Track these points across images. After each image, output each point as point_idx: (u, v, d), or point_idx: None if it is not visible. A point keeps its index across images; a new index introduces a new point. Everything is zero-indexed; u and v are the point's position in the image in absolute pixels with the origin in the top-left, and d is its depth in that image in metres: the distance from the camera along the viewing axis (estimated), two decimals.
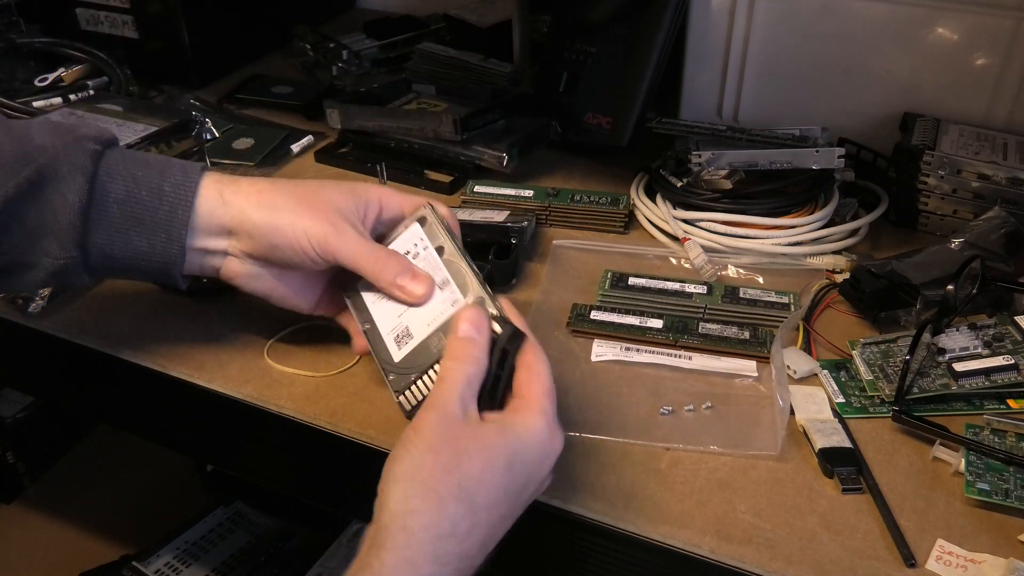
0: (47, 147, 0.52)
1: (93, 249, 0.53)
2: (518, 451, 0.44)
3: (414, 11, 1.16)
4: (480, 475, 0.43)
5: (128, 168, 0.53)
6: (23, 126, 0.54)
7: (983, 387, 0.57)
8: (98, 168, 0.52)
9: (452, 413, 0.44)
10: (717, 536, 0.49)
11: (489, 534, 0.43)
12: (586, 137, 0.85)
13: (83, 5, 1.01)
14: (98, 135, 0.54)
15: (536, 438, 0.45)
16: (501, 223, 0.72)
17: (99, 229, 0.53)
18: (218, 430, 0.66)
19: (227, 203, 0.54)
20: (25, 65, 0.97)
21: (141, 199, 0.53)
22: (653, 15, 0.81)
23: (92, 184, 0.52)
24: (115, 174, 0.53)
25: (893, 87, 0.80)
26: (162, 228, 0.53)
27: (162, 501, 1.33)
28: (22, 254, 0.53)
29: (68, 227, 0.52)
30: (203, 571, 1.14)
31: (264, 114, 0.97)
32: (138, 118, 0.76)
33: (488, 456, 0.43)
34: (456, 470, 0.42)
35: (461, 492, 0.42)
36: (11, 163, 0.51)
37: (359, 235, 0.55)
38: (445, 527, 0.41)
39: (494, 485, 0.43)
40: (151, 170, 0.54)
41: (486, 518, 0.43)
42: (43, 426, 1.38)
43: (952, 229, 0.72)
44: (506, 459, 0.44)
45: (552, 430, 0.46)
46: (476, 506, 0.42)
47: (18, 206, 0.51)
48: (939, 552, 0.48)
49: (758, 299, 0.66)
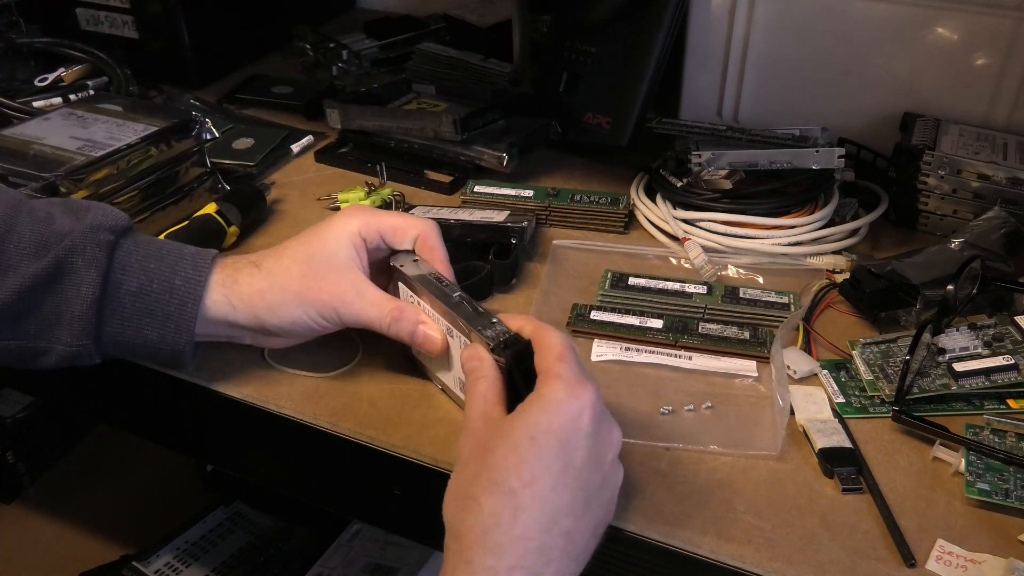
0: (64, 234, 0.54)
1: (105, 337, 0.55)
2: (538, 422, 0.44)
3: (414, 11, 1.16)
4: (505, 461, 0.43)
5: (141, 262, 0.56)
6: (44, 208, 0.56)
7: (983, 387, 0.57)
8: (112, 262, 0.55)
9: (475, 428, 0.46)
10: (717, 536, 0.49)
11: (543, 511, 0.43)
12: (586, 137, 0.85)
13: (83, 5, 1.01)
14: (113, 224, 0.56)
15: (553, 403, 0.44)
16: (501, 223, 0.72)
17: (112, 320, 0.55)
18: (218, 430, 0.66)
19: (235, 307, 0.56)
20: (25, 65, 0.97)
21: (153, 292, 0.55)
22: (653, 15, 0.81)
23: (106, 279, 0.54)
24: (128, 268, 0.55)
25: (893, 87, 0.80)
26: (172, 320, 0.55)
27: (162, 501, 1.33)
28: (35, 340, 0.55)
29: (81, 319, 0.54)
30: (203, 571, 1.14)
31: (264, 114, 0.97)
32: (138, 118, 0.75)
33: (510, 441, 0.44)
34: (484, 469, 0.43)
35: (492, 485, 0.43)
36: (30, 249, 0.54)
37: (367, 300, 0.56)
38: (488, 520, 0.42)
39: (522, 463, 0.43)
40: (163, 263, 0.56)
41: (529, 497, 0.43)
42: (43, 426, 1.38)
43: (952, 229, 0.72)
44: (528, 433, 0.44)
45: (572, 389, 0.45)
46: (512, 490, 0.43)
47: (35, 295, 0.54)
48: (939, 552, 0.48)
49: (758, 299, 0.66)
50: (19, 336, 0.55)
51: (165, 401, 0.66)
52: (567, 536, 0.43)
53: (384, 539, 1.12)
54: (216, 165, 0.80)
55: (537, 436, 0.44)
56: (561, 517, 0.43)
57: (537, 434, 0.44)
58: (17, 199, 0.57)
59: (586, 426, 0.45)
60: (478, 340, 0.51)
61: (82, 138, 0.72)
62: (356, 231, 0.57)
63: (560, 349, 0.47)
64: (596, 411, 0.45)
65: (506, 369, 0.49)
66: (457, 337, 0.54)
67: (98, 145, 0.71)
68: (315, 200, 0.80)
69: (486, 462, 0.44)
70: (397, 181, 0.82)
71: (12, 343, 0.55)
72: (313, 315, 0.56)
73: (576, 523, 0.44)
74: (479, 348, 0.50)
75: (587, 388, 0.45)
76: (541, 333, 0.49)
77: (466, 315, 0.53)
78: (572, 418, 0.44)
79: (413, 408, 0.58)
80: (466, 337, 0.53)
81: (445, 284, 0.56)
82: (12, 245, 0.54)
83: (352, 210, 0.59)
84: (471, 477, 0.44)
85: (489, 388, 0.48)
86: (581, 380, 0.46)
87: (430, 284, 0.56)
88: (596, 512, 0.46)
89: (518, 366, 0.49)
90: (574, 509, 0.44)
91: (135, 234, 0.58)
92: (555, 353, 0.47)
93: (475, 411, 0.47)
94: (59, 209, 0.57)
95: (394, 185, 0.80)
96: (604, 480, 0.46)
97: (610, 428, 0.47)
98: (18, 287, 0.53)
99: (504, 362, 0.49)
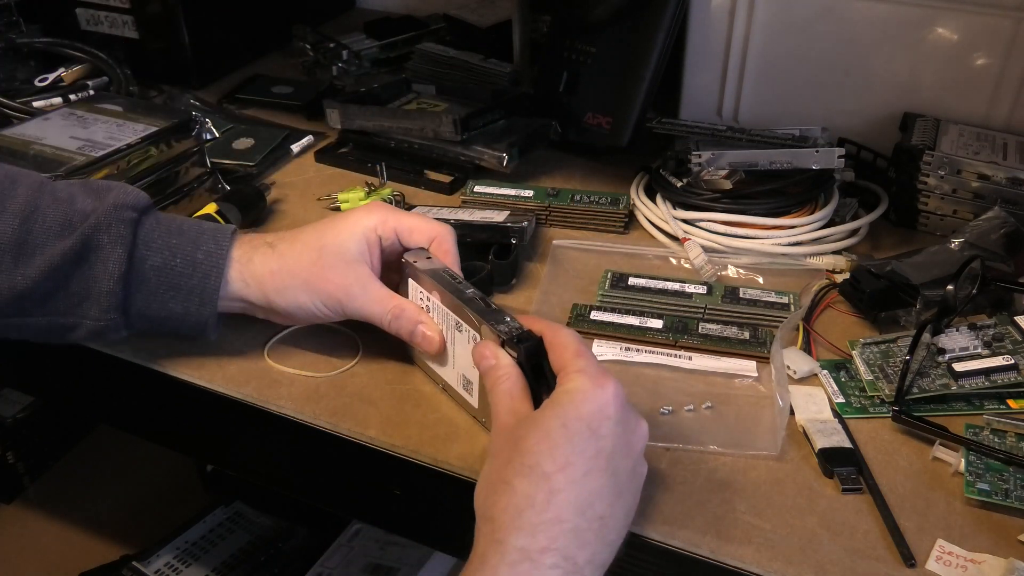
0: (88, 213, 0.56)
1: (132, 311, 0.58)
2: (568, 411, 0.45)
3: (414, 11, 1.16)
4: (538, 446, 0.44)
5: (164, 238, 0.58)
6: (66, 189, 0.58)
7: (983, 387, 0.57)
8: (136, 238, 0.57)
9: (505, 422, 0.47)
10: (717, 536, 0.49)
11: (578, 494, 0.43)
12: (586, 137, 0.85)
13: (83, 5, 1.01)
14: (135, 202, 0.57)
15: (581, 393, 0.45)
16: (501, 223, 0.72)
17: (138, 295, 0.57)
18: (218, 430, 0.66)
19: (248, 284, 0.58)
20: (25, 65, 0.97)
21: (176, 267, 0.57)
22: (653, 15, 0.81)
23: (131, 255, 0.56)
24: (152, 244, 0.57)
25: (893, 87, 0.80)
26: (196, 294, 0.58)
27: (162, 501, 1.33)
28: (65, 316, 0.57)
29: (108, 293, 0.56)
30: (203, 571, 1.14)
31: (264, 114, 0.97)
32: (138, 118, 0.75)
33: (543, 428, 0.45)
34: (517, 455, 0.44)
35: (525, 469, 0.44)
36: (55, 229, 0.56)
37: (371, 295, 0.58)
38: (521, 503, 0.43)
39: (555, 448, 0.44)
40: (184, 238, 0.58)
41: (564, 480, 0.43)
42: (43, 426, 1.38)
43: (952, 229, 0.72)
44: (560, 421, 0.45)
45: (595, 380, 0.46)
46: (546, 474, 0.43)
47: (63, 273, 0.56)
48: (939, 552, 0.48)
49: (758, 299, 0.66)
50: (50, 312, 0.57)
51: (165, 401, 0.66)
52: (601, 520, 0.44)
53: (384, 539, 1.12)
54: (216, 165, 0.80)
55: (568, 423, 0.44)
56: (595, 500, 0.44)
57: (568, 421, 0.45)
58: (39, 180, 0.59)
59: (614, 414, 0.46)
60: (490, 334, 0.51)
61: (82, 138, 0.72)
62: (372, 227, 0.59)
63: (576, 346, 0.48)
64: (621, 400, 0.46)
65: (518, 364, 0.50)
66: (467, 331, 0.54)
67: (98, 145, 0.71)
68: (315, 200, 0.80)
69: (519, 448, 0.44)
70: (397, 181, 0.82)
71: (43, 319, 0.57)
72: (318, 303, 0.58)
73: (610, 508, 0.45)
74: (492, 345, 0.51)
75: (610, 379, 0.46)
76: (554, 331, 0.50)
77: (478, 310, 0.53)
78: (600, 406, 0.45)
79: (413, 408, 0.58)
80: (476, 332, 0.53)
81: (457, 280, 0.56)
82: (38, 225, 0.56)
83: (373, 206, 0.60)
84: (503, 463, 0.45)
85: (514, 386, 0.49)
86: (603, 372, 0.47)
87: (442, 279, 0.56)
88: (627, 499, 0.47)
89: (529, 361, 0.49)
90: (607, 494, 0.44)
91: (155, 212, 0.59)
92: (571, 350, 0.48)
93: (502, 408, 0.48)
94: (80, 190, 0.58)
95: (394, 185, 0.80)
96: (634, 468, 0.47)
97: (637, 419, 0.48)
98: (47, 266, 0.55)
99: (517, 356, 0.50)
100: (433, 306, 0.57)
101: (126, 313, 0.57)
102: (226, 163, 0.84)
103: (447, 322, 0.56)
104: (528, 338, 0.50)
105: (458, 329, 0.55)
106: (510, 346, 0.50)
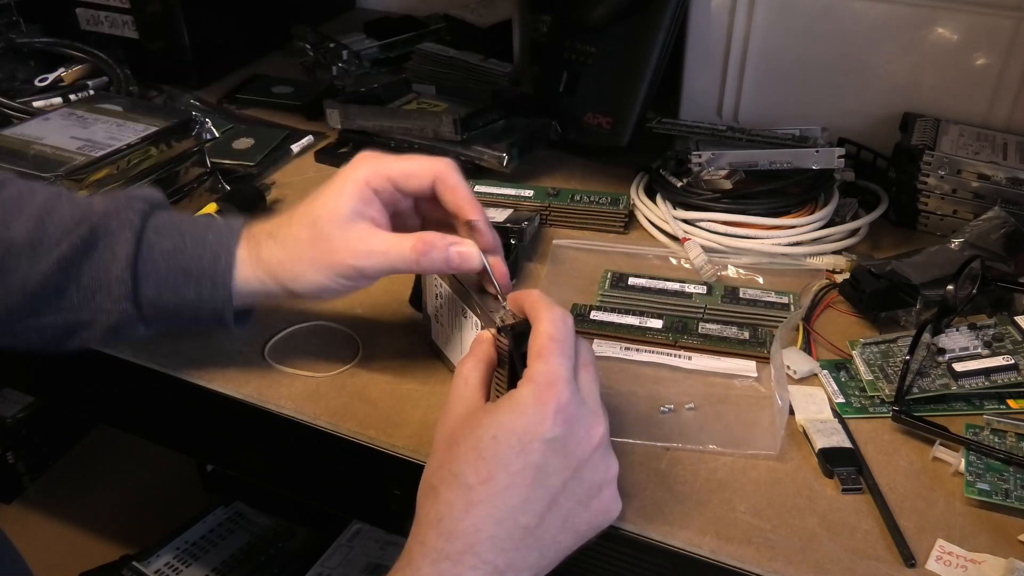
0: (101, 209, 0.56)
1: (144, 301, 0.55)
2: (503, 421, 0.44)
3: (414, 11, 1.16)
4: (466, 456, 0.44)
5: (174, 224, 0.56)
6: (86, 197, 0.58)
7: (983, 387, 0.57)
8: (146, 224, 0.55)
9: (451, 411, 0.47)
10: (717, 536, 0.49)
11: (496, 506, 0.43)
12: (586, 137, 0.85)
13: (83, 5, 1.01)
14: (148, 196, 0.57)
15: (519, 406, 0.44)
16: (501, 223, 0.72)
17: (148, 282, 0.55)
18: (218, 430, 0.66)
19: (264, 282, 0.56)
20: (25, 65, 0.97)
21: (186, 250, 0.55)
22: (653, 15, 0.81)
23: (139, 238, 0.55)
24: (162, 230, 0.56)
25: (893, 87, 0.80)
26: (207, 277, 0.55)
27: (162, 501, 1.33)
28: (79, 312, 0.55)
29: (117, 281, 0.54)
30: (203, 571, 1.14)
31: (264, 114, 0.97)
32: (138, 118, 0.75)
33: (475, 436, 0.45)
34: (448, 460, 0.45)
35: (451, 477, 0.44)
36: (70, 225, 0.55)
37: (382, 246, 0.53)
38: (442, 509, 0.44)
39: (481, 460, 0.44)
40: (195, 224, 0.57)
41: (484, 493, 0.44)
42: (43, 426, 1.38)
43: (952, 229, 0.72)
44: (492, 432, 0.44)
45: (539, 395, 0.44)
46: (468, 485, 0.44)
47: (74, 265, 0.54)
48: (939, 552, 0.48)
49: (758, 299, 0.66)
50: (64, 309, 0.55)
51: (165, 401, 0.66)
52: (525, 530, 0.44)
53: (384, 539, 1.12)
54: (216, 165, 0.80)
55: (500, 436, 0.44)
56: (516, 513, 0.44)
57: (500, 433, 0.44)
58: (58, 190, 0.59)
59: (548, 431, 0.44)
60: (485, 321, 0.51)
61: (82, 138, 0.72)
62: (363, 181, 0.54)
63: (543, 340, 0.46)
64: (565, 415, 0.45)
65: (508, 352, 0.49)
66: (470, 318, 0.54)
67: (98, 145, 0.71)
68: None
69: (450, 454, 0.45)
70: None
71: (59, 317, 0.56)
72: (333, 277, 0.54)
73: (538, 519, 0.45)
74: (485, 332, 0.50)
75: (554, 391, 0.44)
76: (536, 313, 0.48)
77: (479, 296, 0.53)
78: (536, 422, 0.44)
79: (413, 408, 0.58)
80: (478, 319, 0.53)
81: None
82: (53, 224, 0.55)
83: (361, 158, 0.55)
84: (436, 466, 0.45)
85: (472, 370, 0.48)
86: (551, 383, 0.45)
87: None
88: (568, 508, 0.46)
89: (518, 349, 0.48)
90: (534, 505, 0.44)
91: (169, 207, 0.59)
92: (539, 343, 0.46)
93: (454, 392, 0.47)
94: (100, 196, 0.59)
95: None
96: (574, 478, 0.45)
97: (588, 427, 0.46)
98: (58, 256, 0.54)
99: (507, 345, 0.49)
100: (443, 292, 0.57)
101: (138, 304, 0.55)
102: (226, 163, 0.84)
103: (455, 309, 0.56)
104: (521, 326, 0.49)
105: (464, 316, 0.55)
106: (504, 334, 0.49)
